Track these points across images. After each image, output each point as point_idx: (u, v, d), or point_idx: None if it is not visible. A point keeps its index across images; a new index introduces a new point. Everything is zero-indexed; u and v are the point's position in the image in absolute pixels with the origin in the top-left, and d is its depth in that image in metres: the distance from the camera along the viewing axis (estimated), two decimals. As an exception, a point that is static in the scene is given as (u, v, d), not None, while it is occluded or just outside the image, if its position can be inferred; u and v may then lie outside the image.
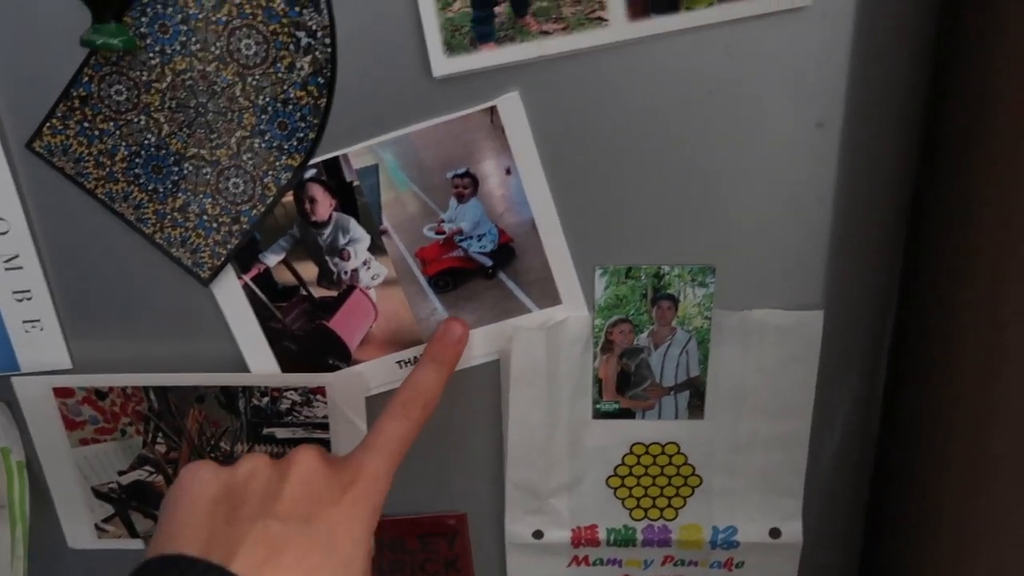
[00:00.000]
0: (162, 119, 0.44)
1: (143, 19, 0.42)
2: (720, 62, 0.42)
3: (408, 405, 0.43)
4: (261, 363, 0.48)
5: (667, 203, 0.45)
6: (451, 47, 0.41)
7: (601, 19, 0.41)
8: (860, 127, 0.43)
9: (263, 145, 0.44)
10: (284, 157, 0.44)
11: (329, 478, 0.39)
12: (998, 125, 0.46)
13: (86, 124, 0.44)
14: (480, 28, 0.41)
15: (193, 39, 0.42)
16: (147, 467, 0.51)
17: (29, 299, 0.47)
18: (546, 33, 0.41)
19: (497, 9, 0.41)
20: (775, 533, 0.51)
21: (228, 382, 0.48)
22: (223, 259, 0.46)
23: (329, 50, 0.42)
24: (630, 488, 0.51)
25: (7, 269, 0.46)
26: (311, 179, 0.44)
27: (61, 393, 0.48)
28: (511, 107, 0.42)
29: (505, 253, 0.46)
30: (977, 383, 0.48)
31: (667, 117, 0.43)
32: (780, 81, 0.42)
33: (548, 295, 0.46)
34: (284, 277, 0.47)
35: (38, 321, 0.47)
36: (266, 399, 0.49)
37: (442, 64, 0.42)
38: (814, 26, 0.42)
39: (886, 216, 0.47)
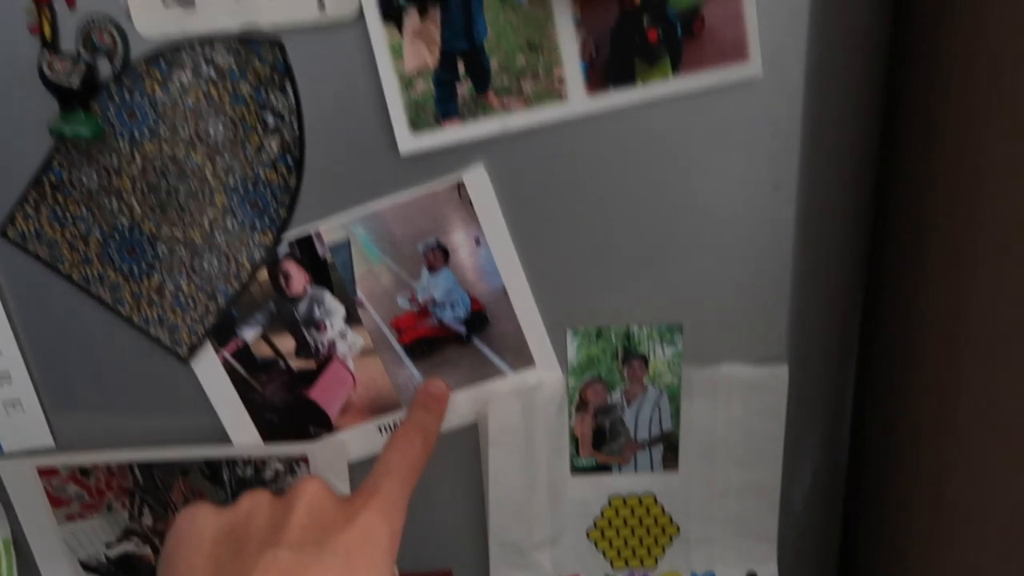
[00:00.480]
0: (134, 202, 0.44)
1: (111, 105, 0.42)
2: (678, 131, 0.43)
3: (408, 436, 0.42)
4: (243, 434, 0.49)
5: (634, 265, 0.46)
6: (416, 125, 0.42)
7: (560, 94, 0.42)
8: (815, 188, 0.45)
9: (235, 224, 0.45)
10: (257, 235, 0.45)
11: (338, 503, 0.37)
12: (942, 178, 0.48)
13: (58, 209, 0.44)
14: (444, 106, 0.42)
15: (162, 124, 0.43)
16: (134, 538, 0.52)
17: (9, 382, 0.47)
18: (508, 108, 0.42)
19: (459, 86, 0.42)
20: (752, 577, 0.53)
21: (211, 455, 0.49)
22: (201, 336, 0.47)
23: (297, 131, 0.43)
24: (610, 540, 0.52)
25: (-15, 354, 0.47)
26: (285, 255, 0.45)
27: (46, 473, 0.49)
28: (478, 180, 0.43)
29: (478, 320, 0.47)
30: (936, 419, 0.50)
31: (629, 184, 0.44)
32: (736, 147, 0.44)
33: (522, 358, 0.47)
34: (262, 351, 0.47)
35: (19, 402, 0.48)
36: (250, 469, 0.50)
37: (408, 141, 0.42)
38: (767, 95, 0.43)
39: (844, 271, 0.48)
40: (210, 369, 0.47)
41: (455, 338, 0.47)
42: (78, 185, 0.44)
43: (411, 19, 0.40)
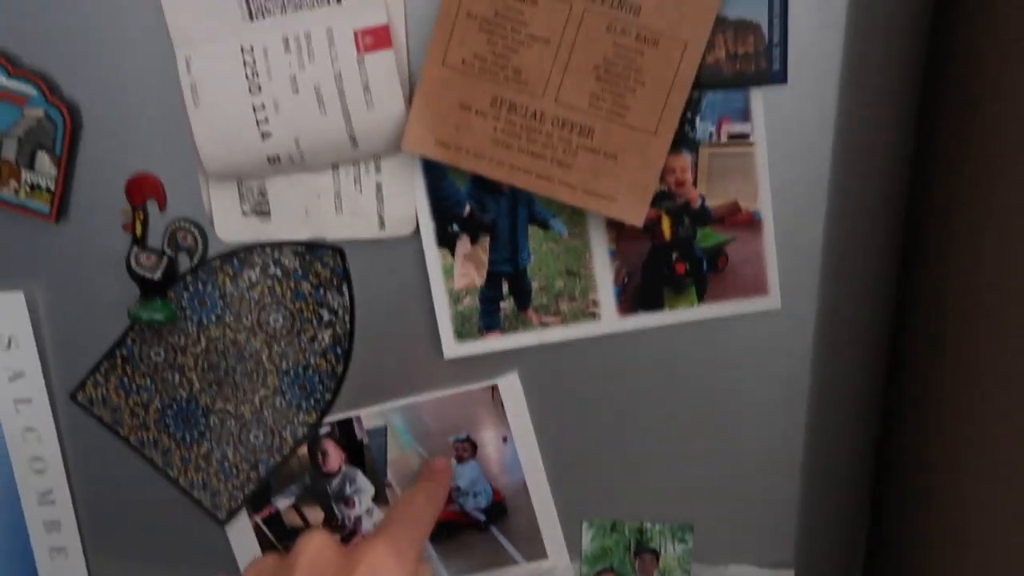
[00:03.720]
0: (194, 377, 0.48)
1: (185, 294, 0.47)
2: (699, 350, 0.47)
3: (412, 495, 0.42)
4: (267, 596, 0.51)
5: (651, 468, 0.49)
6: (461, 335, 0.46)
7: (594, 314, 0.46)
8: (822, 410, 0.48)
9: (283, 403, 0.48)
10: (302, 414, 0.48)
11: (342, 553, 0.37)
12: (945, 422, 0.50)
13: (125, 379, 0.48)
14: (487, 319, 0.46)
15: (228, 312, 0.47)
16: None
17: (59, 531, 0.50)
18: (545, 325, 0.46)
19: (502, 304, 0.46)
20: None
21: (234, 613, 0.51)
22: (240, 502, 0.50)
23: (348, 326, 0.47)
24: None
25: (41, 504, 0.50)
26: (325, 435, 0.49)
27: (77, 618, 0.51)
28: (511, 386, 0.47)
29: (498, 510, 0.49)
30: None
31: (651, 395, 0.47)
32: (753, 367, 0.47)
33: (535, 549, 0.50)
34: (292, 519, 0.50)
35: (64, 549, 0.51)
36: (269, 629, 0.52)
37: (452, 348, 0.46)
38: (782, 323, 0.46)
39: (851, 488, 0.50)
40: (241, 532, 0.50)
41: (474, 525, 0.49)
42: (146, 359, 0.48)
43: (463, 244, 0.44)
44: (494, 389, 0.47)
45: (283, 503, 0.50)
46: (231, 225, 0.45)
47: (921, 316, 0.54)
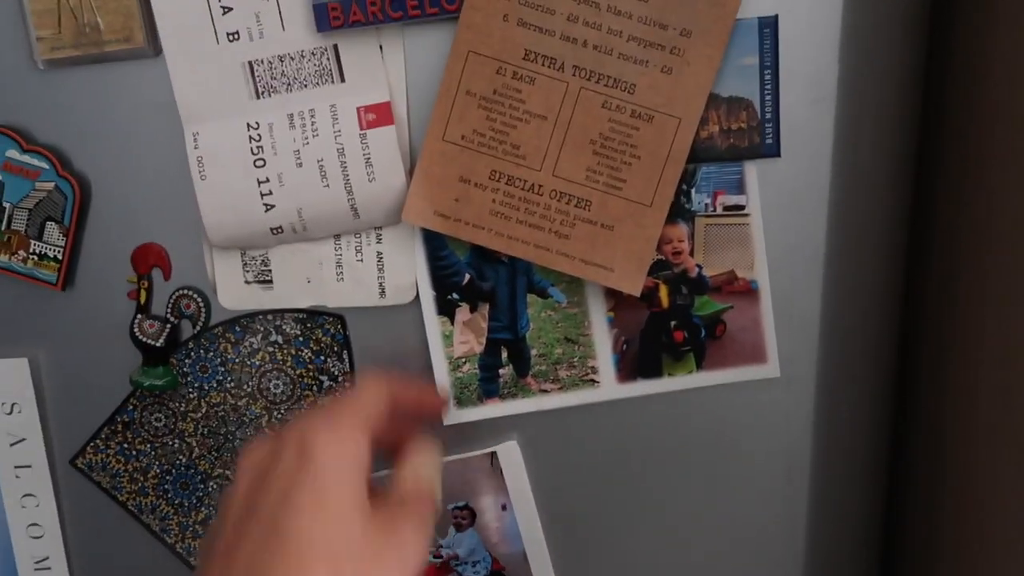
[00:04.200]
0: (194, 443, 0.48)
1: (187, 360, 0.47)
2: (698, 417, 0.47)
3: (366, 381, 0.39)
4: (262, 666, 0.50)
5: (651, 535, 0.48)
6: (460, 401, 0.46)
7: (593, 381, 0.46)
8: (826, 477, 0.48)
9: (283, 469, 0.48)
10: (301, 481, 0.48)
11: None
12: (949, 506, 0.50)
13: (126, 445, 0.48)
14: (486, 386, 0.46)
15: (229, 379, 0.47)
16: None
17: (52, 597, 0.50)
18: (544, 391, 0.46)
19: (501, 371, 0.46)
20: None
21: None
22: (236, 570, 0.49)
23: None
24: None
25: (37, 570, 0.50)
26: (324, 501, 0.49)
27: None
28: (510, 454, 0.47)
29: (498, 579, 0.49)
30: None
31: (651, 462, 0.47)
32: (753, 435, 0.47)
33: (538, 617, 0.49)
34: (291, 587, 0.50)
35: (57, 616, 0.50)
36: None
37: (452, 416, 0.46)
38: (782, 390, 0.46)
39: (857, 550, 0.50)
40: (241, 600, 0.50)
41: (475, 593, 0.49)
42: (146, 425, 0.48)
43: (462, 312, 0.45)
44: (493, 456, 0.47)
45: (280, 571, 0.49)
46: (234, 293, 0.46)
47: (924, 376, 0.54)
